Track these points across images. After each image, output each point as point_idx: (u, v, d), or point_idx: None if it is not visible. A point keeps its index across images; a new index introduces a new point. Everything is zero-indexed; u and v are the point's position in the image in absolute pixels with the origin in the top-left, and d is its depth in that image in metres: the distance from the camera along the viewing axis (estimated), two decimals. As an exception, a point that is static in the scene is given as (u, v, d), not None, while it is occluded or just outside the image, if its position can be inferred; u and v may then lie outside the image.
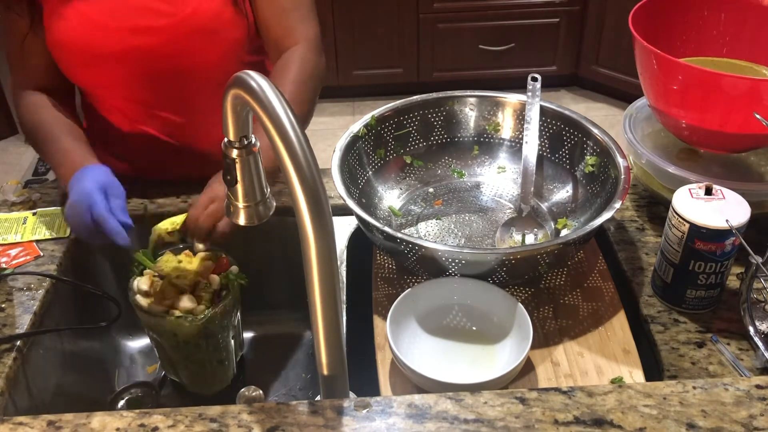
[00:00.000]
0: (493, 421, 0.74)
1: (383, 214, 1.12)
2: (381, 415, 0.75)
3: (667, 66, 0.99)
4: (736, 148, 1.08)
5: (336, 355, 0.74)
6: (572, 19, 3.15)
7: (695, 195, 0.89)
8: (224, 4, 1.12)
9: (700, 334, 0.91)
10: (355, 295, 1.07)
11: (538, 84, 1.17)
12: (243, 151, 0.71)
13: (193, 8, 1.10)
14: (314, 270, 0.67)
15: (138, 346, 1.20)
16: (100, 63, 1.13)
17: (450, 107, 1.19)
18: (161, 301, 0.96)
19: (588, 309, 0.98)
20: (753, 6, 1.11)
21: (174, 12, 1.10)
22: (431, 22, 3.15)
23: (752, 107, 0.93)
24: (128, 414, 0.76)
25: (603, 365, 0.90)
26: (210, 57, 1.14)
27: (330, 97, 3.37)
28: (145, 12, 1.11)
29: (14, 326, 0.96)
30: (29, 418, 0.77)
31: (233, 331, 1.04)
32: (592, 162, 1.08)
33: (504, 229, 1.06)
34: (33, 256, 1.09)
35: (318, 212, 0.64)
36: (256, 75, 0.65)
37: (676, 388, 0.77)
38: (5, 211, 1.18)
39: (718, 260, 0.88)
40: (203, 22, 1.11)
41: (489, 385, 0.82)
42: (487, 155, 1.20)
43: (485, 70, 3.28)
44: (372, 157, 1.14)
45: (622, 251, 1.06)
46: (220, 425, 0.75)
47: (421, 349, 0.93)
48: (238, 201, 0.75)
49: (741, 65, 1.13)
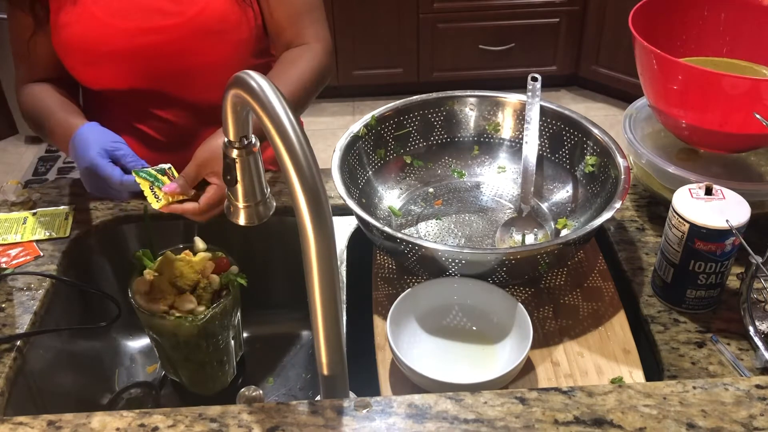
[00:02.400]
0: (493, 421, 0.74)
1: (383, 214, 1.12)
2: (381, 415, 0.75)
3: (667, 66, 0.99)
4: (736, 148, 1.08)
5: (336, 355, 0.74)
6: (572, 19, 3.16)
7: (695, 195, 0.89)
8: (231, 5, 1.12)
9: (700, 334, 0.91)
10: (355, 295, 1.07)
11: (538, 84, 1.17)
12: (243, 151, 0.71)
13: (200, 8, 1.11)
14: (314, 270, 0.67)
15: (138, 346, 1.20)
16: (105, 62, 1.13)
17: (450, 107, 1.19)
18: (161, 301, 0.96)
19: (588, 309, 0.98)
20: (753, 6, 1.11)
21: (181, 11, 1.10)
22: (431, 22, 3.15)
23: (752, 107, 0.93)
24: (128, 414, 0.76)
25: (603, 365, 0.90)
26: (215, 57, 1.14)
27: (330, 97, 3.37)
28: (151, 11, 1.11)
29: (14, 326, 0.96)
30: (29, 418, 0.77)
31: (233, 331, 1.04)
32: (592, 162, 1.08)
33: (504, 229, 1.06)
34: (33, 256, 1.09)
35: (318, 212, 0.64)
36: (256, 75, 0.65)
37: (676, 388, 0.77)
38: (5, 211, 1.18)
39: (718, 260, 0.88)
40: (209, 23, 1.11)
41: (489, 385, 0.82)
42: (487, 155, 1.20)
43: (485, 70, 3.28)
44: (372, 157, 1.14)
45: (622, 251, 1.06)
46: (220, 425, 0.75)
47: (421, 349, 0.93)
48: (238, 201, 0.75)
49: (741, 65, 1.13)
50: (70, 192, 1.22)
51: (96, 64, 1.14)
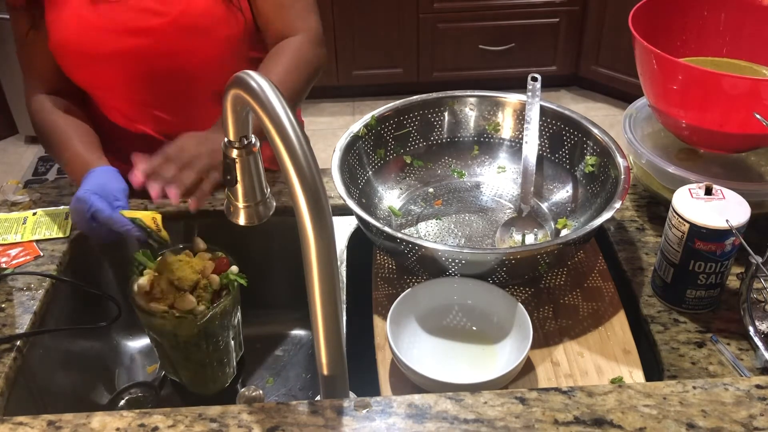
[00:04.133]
0: (493, 421, 0.74)
1: (383, 214, 1.12)
2: (381, 415, 0.75)
3: (667, 66, 0.99)
4: (736, 148, 1.08)
5: (336, 355, 0.74)
6: (572, 19, 3.15)
7: (695, 195, 0.89)
8: (215, 1, 1.12)
9: (700, 334, 0.91)
10: (355, 295, 1.07)
11: (538, 84, 1.17)
12: (243, 151, 0.71)
13: (184, 6, 1.11)
14: (314, 270, 0.67)
15: (138, 346, 1.20)
16: (97, 64, 1.13)
17: (450, 107, 1.19)
18: (161, 301, 0.96)
19: (588, 309, 0.98)
20: (753, 6, 1.11)
21: (166, 11, 1.11)
22: (431, 22, 3.14)
23: (752, 107, 0.93)
24: (128, 414, 0.76)
25: (603, 365, 0.90)
26: (205, 55, 1.14)
27: (330, 97, 3.37)
28: (139, 12, 1.11)
29: (14, 326, 0.96)
30: (29, 418, 0.77)
31: (233, 331, 1.04)
32: (592, 162, 1.08)
33: (504, 229, 1.06)
34: (33, 256, 1.09)
35: (318, 212, 0.64)
36: (256, 75, 0.65)
37: (676, 388, 0.77)
38: (5, 211, 1.18)
39: (718, 260, 0.88)
40: (194, 20, 1.11)
41: (489, 385, 0.82)
42: (487, 155, 1.20)
43: (485, 70, 3.28)
44: (372, 157, 1.14)
45: (622, 251, 1.06)
46: (220, 425, 0.75)
47: (421, 349, 0.93)
48: (238, 201, 0.75)
49: (741, 65, 1.13)
50: (70, 192, 1.22)
51: (89, 66, 1.14)
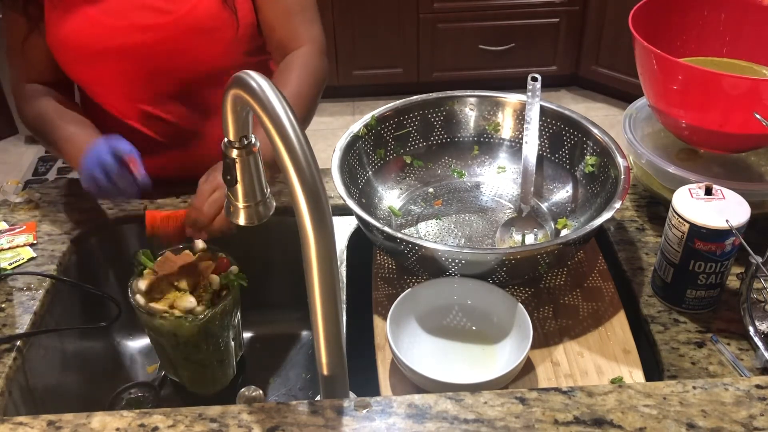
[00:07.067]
0: (493, 421, 0.74)
1: (383, 214, 1.12)
2: (381, 415, 0.75)
3: (667, 66, 0.99)
4: (736, 148, 1.08)
5: (336, 355, 0.74)
6: (572, 19, 3.15)
7: (695, 195, 0.89)
8: (221, 4, 1.12)
9: (700, 334, 0.91)
10: (355, 295, 1.07)
11: (538, 84, 1.17)
12: (243, 151, 0.71)
13: (191, 6, 1.11)
14: (314, 270, 0.67)
15: (138, 346, 1.20)
16: (99, 60, 1.13)
17: (450, 107, 1.19)
18: (161, 301, 0.96)
19: (588, 309, 0.98)
20: (753, 6, 1.11)
21: (172, 10, 1.11)
22: (431, 22, 3.14)
23: (752, 107, 0.93)
24: (128, 414, 0.76)
25: (603, 365, 0.90)
26: (208, 56, 1.14)
27: (330, 97, 3.37)
28: (143, 10, 1.11)
29: (14, 326, 0.96)
30: (29, 418, 0.77)
31: (233, 331, 1.04)
32: (592, 162, 1.08)
33: (504, 229, 1.06)
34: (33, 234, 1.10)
35: (318, 212, 0.64)
36: (256, 75, 0.65)
37: (676, 388, 0.77)
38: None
39: (718, 260, 0.88)
40: (200, 21, 1.11)
41: (489, 385, 0.82)
42: (487, 155, 1.20)
43: (485, 70, 3.28)
44: (372, 157, 1.14)
45: (622, 251, 1.06)
46: (220, 425, 0.75)
47: (421, 349, 0.93)
48: (238, 201, 0.75)
49: (741, 65, 1.13)
50: (70, 192, 1.22)
51: (89, 62, 1.14)
